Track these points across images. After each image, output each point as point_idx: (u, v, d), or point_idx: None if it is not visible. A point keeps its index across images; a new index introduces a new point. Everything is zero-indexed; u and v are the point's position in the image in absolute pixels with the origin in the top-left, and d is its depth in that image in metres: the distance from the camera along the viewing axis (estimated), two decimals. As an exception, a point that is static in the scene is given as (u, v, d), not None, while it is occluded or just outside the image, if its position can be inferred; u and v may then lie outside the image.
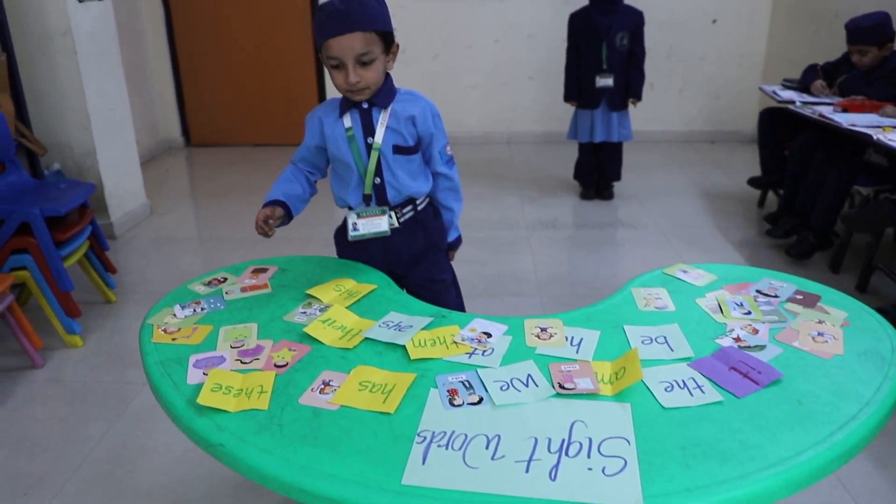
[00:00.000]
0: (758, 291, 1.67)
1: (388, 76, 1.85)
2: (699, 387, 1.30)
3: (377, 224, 1.89)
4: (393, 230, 1.91)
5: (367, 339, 1.49)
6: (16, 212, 2.83)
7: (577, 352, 1.43)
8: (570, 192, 4.99)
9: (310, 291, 1.71)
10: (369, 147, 1.85)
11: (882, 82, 3.80)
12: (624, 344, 1.46)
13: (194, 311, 1.64)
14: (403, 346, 1.45)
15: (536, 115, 6.32)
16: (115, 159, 4.27)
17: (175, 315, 1.62)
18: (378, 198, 1.90)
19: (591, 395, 1.28)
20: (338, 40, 1.69)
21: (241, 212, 4.63)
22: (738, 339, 1.46)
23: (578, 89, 4.64)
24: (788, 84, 4.42)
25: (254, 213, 1.86)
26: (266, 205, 1.86)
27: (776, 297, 1.65)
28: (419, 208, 1.96)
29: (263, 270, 1.85)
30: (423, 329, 1.52)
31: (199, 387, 1.31)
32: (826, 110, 3.64)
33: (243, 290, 1.75)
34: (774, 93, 4.27)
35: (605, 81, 4.50)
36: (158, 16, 6.13)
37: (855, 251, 3.70)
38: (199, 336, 1.53)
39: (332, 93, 6.24)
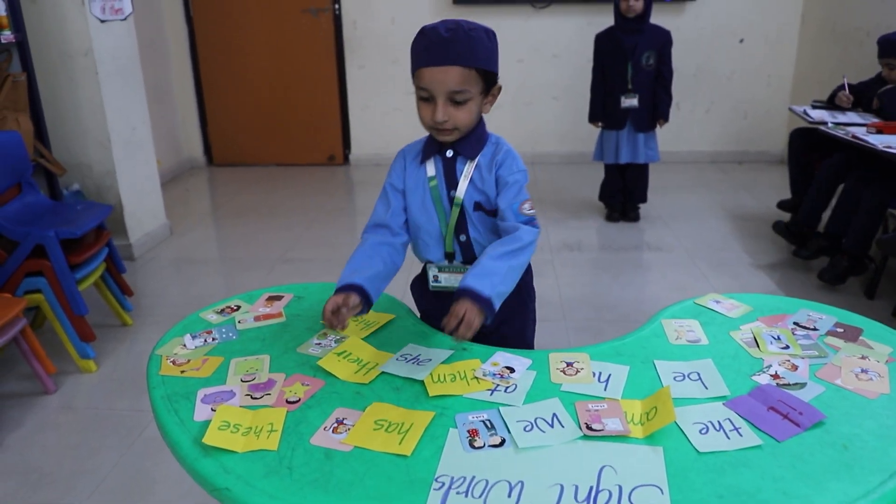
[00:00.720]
0: (795, 324, 1.59)
1: (480, 120, 1.65)
2: (736, 429, 1.21)
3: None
4: None
5: (383, 373, 1.42)
6: (31, 234, 2.79)
7: (605, 389, 1.35)
8: (595, 214, 4.91)
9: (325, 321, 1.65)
10: (451, 200, 1.66)
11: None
12: (654, 380, 1.38)
13: (205, 341, 1.58)
14: (422, 382, 1.38)
15: (561, 135, 6.25)
16: (136, 179, 4.25)
17: (185, 345, 1.56)
18: (464, 254, 1.71)
19: (620, 438, 1.20)
20: (432, 71, 1.51)
21: (262, 232, 4.56)
22: (776, 376, 1.38)
23: (604, 110, 4.58)
24: (818, 104, 4.33)
25: (274, 234, 1.79)
26: (339, 290, 1.54)
27: (815, 329, 1.56)
28: None
29: (278, 298, 1.79)
30: (442, 363, 1.44)
31: (206, 424, 1.24)
32: (859, 131, 3.54)
33: (256, 318, 1.68)
34: (805, 113, 4.17)
35: (630, 101, 4.44)
36: (182, 36, 6.16)
37: (890, 276, 3.58)
38: (208, 368, 1.46)
39: (355, 112, 6.27)
